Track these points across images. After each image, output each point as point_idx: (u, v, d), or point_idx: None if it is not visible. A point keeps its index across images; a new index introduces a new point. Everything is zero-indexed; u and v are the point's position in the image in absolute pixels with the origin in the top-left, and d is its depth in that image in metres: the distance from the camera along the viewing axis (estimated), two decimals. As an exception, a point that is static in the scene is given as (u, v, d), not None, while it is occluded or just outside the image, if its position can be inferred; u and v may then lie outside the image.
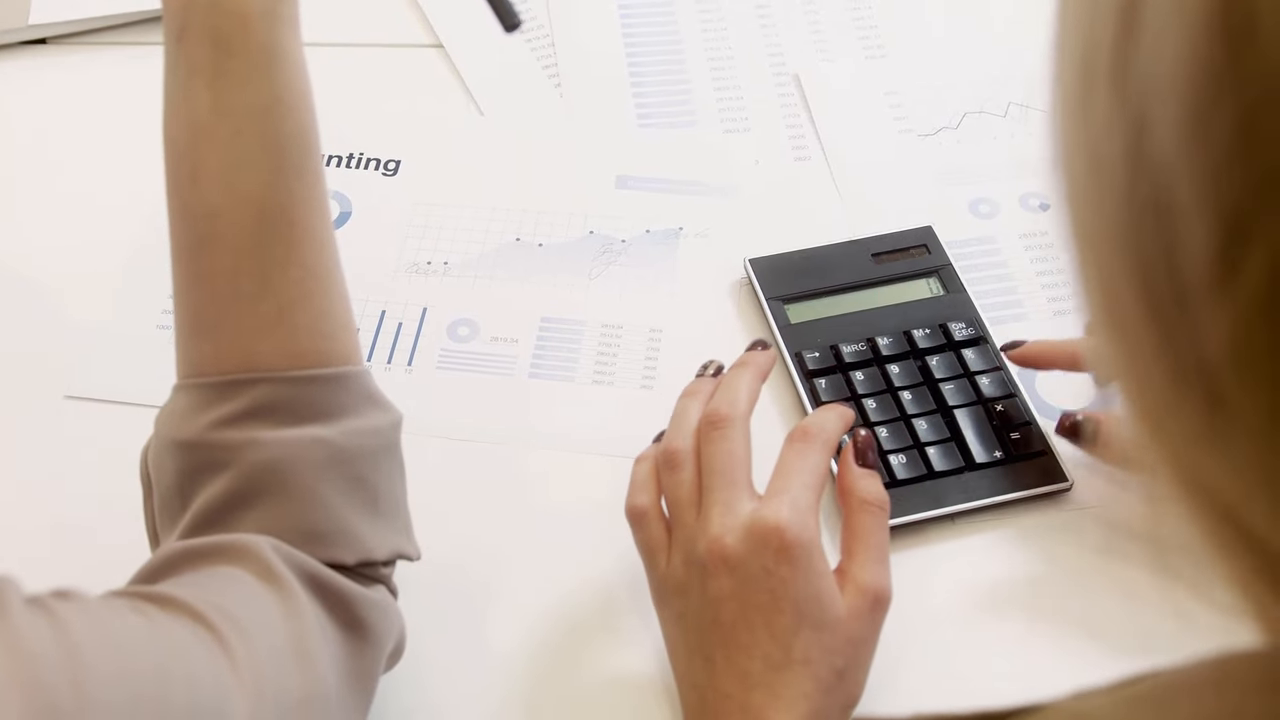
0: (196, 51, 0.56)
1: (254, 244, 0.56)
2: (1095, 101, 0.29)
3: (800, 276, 0.82)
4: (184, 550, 0.54)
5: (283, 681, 0.50)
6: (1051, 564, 0.71)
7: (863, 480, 0.63)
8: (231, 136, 0.55)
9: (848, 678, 0.59)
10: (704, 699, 0.60)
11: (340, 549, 0.56)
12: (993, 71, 0.98)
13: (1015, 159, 0.92)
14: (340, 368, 0.57)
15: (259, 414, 0.55)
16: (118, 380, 0.79)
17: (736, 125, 0.95)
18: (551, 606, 0.70)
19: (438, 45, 1.00)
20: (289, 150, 0.56)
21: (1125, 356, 0.31)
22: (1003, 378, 0.76)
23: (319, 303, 0.57)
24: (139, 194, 0.90)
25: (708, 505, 0.61)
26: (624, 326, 0.82)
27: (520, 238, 0.87)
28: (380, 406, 0.59)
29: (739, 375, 0.66)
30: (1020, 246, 0.87)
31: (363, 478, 0.57)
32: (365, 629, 0.56)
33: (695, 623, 0.60)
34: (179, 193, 0.57)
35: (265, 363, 0.55)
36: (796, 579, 0.58)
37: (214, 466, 0.55)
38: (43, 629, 0.42)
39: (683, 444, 0.64)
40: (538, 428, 0.77)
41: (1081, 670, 0.66)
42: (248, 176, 0.55)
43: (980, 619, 0.69)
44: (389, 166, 0.91)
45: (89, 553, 0.72)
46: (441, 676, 0.66)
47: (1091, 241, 0.31)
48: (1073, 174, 0.31)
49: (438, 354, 0.81)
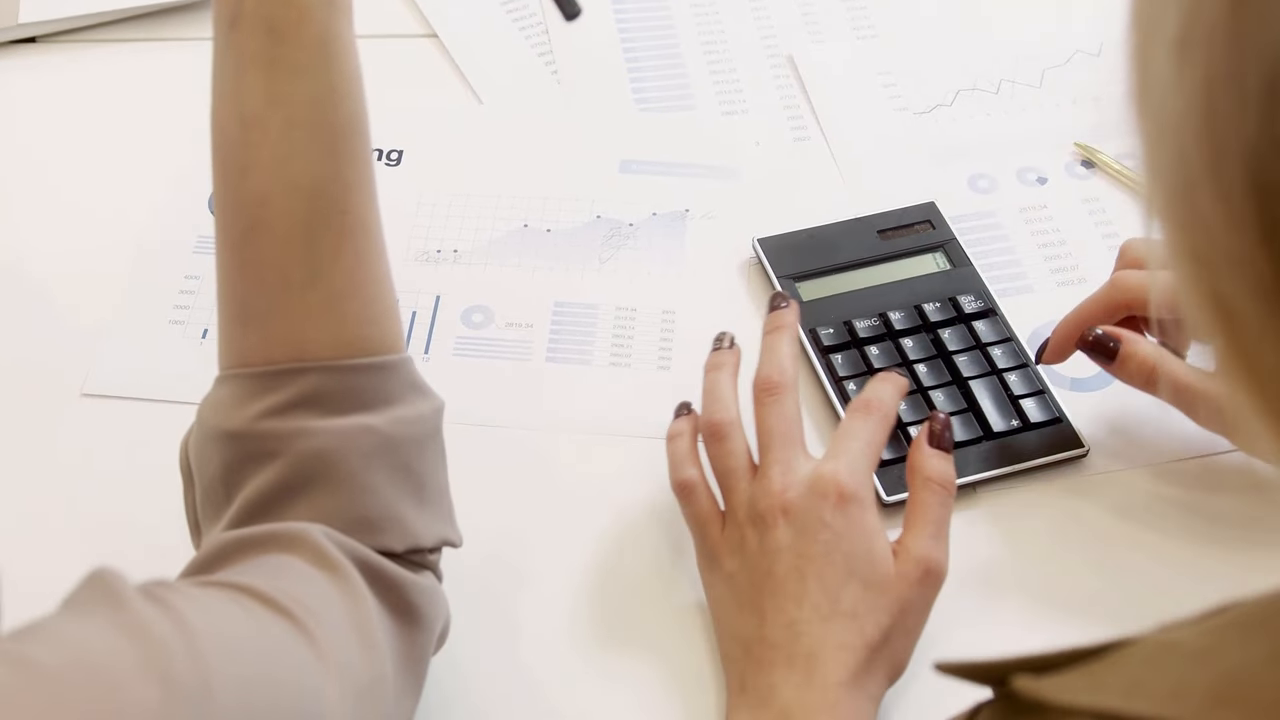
0: (250, 40, 0.55)
1: (306, 233, 0.56)
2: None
3: (809, 255, 0.83)
4: (237, 540, 0.54)
5: (354, 667, 0.50)
6: (1072, 528, 0.72)
7: (932, 459, 0.64)
8: (286, 127, 0.55)
9: (894, 642, 0.61)
10: (749, 650, 0.61)
11: (389, 536, 0.56)
12: (983, 49, 1.00)
13: (1010, 134, 0.94)
14: (387, 356, 0.57)
15: (308, 403, 0.55)
16: (133, 376, 0.79)
17: (735, 108, 0.96)
18: (579, 587, 0.71)
19: (432, 35, 1.01)
20: (343, 139, 0.56)
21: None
22: (1014, 348, 0.78)
23: (369, 290, 0.57)
24: (137, 190, 0.90)
25: (767, 465, 0.64)
26: (637, 309, 0.83)
27: (528, 224, 0.88)
28: (424, 394, 0.59)
29: (779, 340, 0.68)
30: (1020, 220, 0.88)
31: (409, 465, 0.57)
32: (416, 614, 0.57)
33: (747, 579, 0.62)
34: (228, 182, 0.57)
35: (314, 352, 0.56)
36: (851, 532, 0.61)
37: (262, 456, 0.55)
38: (162, 619, 0.43)
39: (725, 414, 0.66)
40: (558, 412, 0.78)
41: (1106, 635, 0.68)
42: (301, 166, 0.55)
43: (1004, 586, 0.70)
44: (392, 157, 0.92)
45: (116, 548, 0.72)
46: (473, 660, 0.67)
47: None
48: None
49: (453, 341, 0.81)
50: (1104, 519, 0.72)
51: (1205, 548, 0.71)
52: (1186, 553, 0.71)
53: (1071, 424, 0.75)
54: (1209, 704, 0.34)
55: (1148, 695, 0.35)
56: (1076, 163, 0.92)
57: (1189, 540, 0.71)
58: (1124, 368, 0.69)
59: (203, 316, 0.82)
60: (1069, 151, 0.92)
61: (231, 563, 0.53)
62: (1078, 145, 0.92)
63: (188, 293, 0.83)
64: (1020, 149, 0.93)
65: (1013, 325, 0.79)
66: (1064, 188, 0.90)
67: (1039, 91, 0.97)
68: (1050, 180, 0.91)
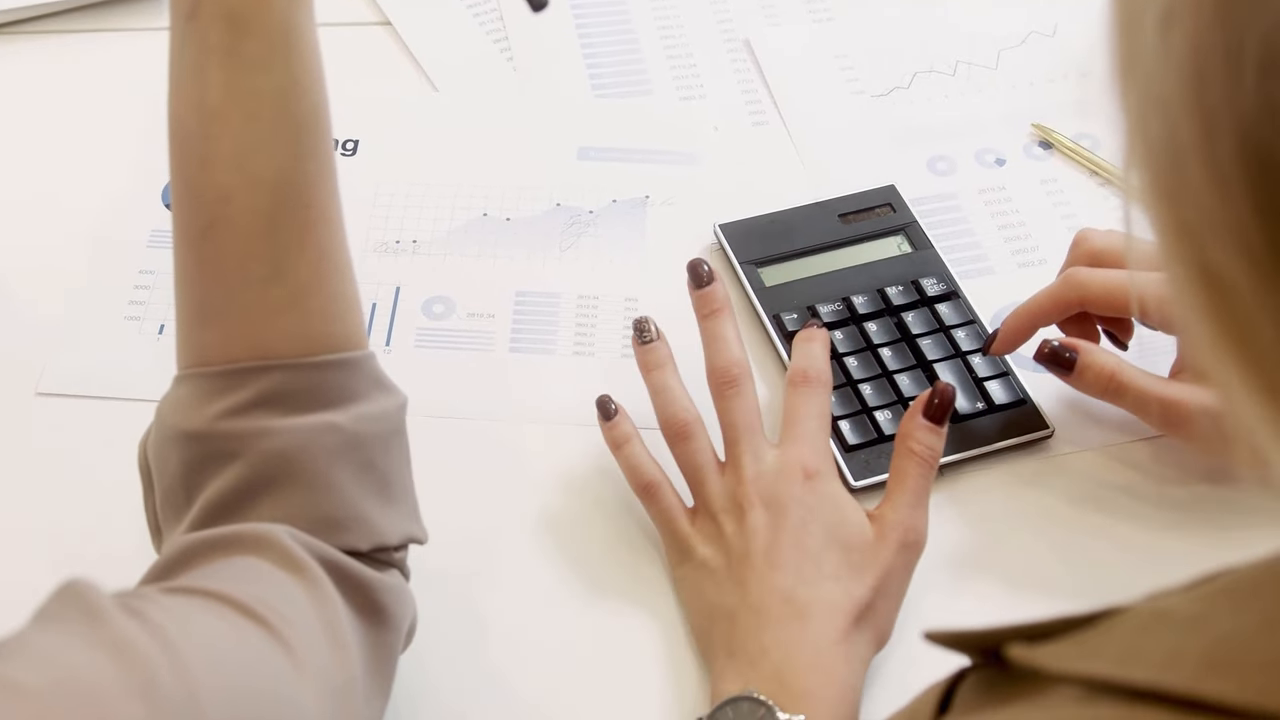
0: (209, 31, 0.54)
1: (268, 228, 0.55)
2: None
3: (771, 240, 0.83)
4: (200, 541, 0.53)
5: (327, 672, 0.50)
6: (1039, 509, 0.72)
7: (921, 430, 0.65)
8: (246, 120, 0.54)
9: (878, 606, 0.62)
10: (734, 619, 0.62)
11: (354, 535, 0.55)
12: (939, 31, 1.00)
13: (967, 116, 0.94)
14: (351, 352, 0.56)
15: (270, 402, 0.54)
16: (89, 374, 0.78)
17: (692, 92, 0.96)
18: (547, 578, 0.70)
19: (385, 23, 0.99)
20: (305, 132, 0.55)
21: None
22: (977, 330, 0.78)
23: (332, 286, 0.56)
24: (91, 184, 0.89)
25: (737, 456, 0.66)
26: (600, 297, 0.82)
27: (487, 213, 0.87)
28: (387, 390, 0.59)
29: (722, 324, 0.69)
30: (980, 202, 0.88)
31: (374, 463, 0.57)
32: (384, 614, 0.56)
33: (724, 560, 0.64)
34: (186, 177, 0.55)
35: (276, 349, 0.55)
36: (823, 505, 0.64)
37: (223, 457, 0.54)
38: (143, 634, 0.42)
39: (687, 414, 0.67)
40: (523, 402, 0.77)
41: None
42: (262, 160, 0.54)
43: (971, 569, 0.70)
44: (347, 146, 0.91)
45: (74, 551, 0.71)
46: (439, 657, 0.66)
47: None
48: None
49: (415, 333, 0.80)
50: (1071, 499, 0.73)
51: (1170, 527, 0.71)
52: (1152, 532, 0.71)
53: (1036, 405, 0.75)
54: (1203, 670, 0.34)
55: (1142, 663, 0.35)
56: (1034, 144, 0.92)
57: (1154, 519, 0.72)
58: (1082, 378, 0.69)
59: (159, 312, 0.80)
60: (1026, 133, 0.93)
61: (196, 566, 0.52)
62: (1035, 126, 0.92)
63: (143, 288, 0.82)
64: (978, 131, 0.93)
65: (975, 307, 0.79)
66: (1022, 169, 0.91)
67: (995, 73, 0.97)
68: (1008, 162, 0.91)
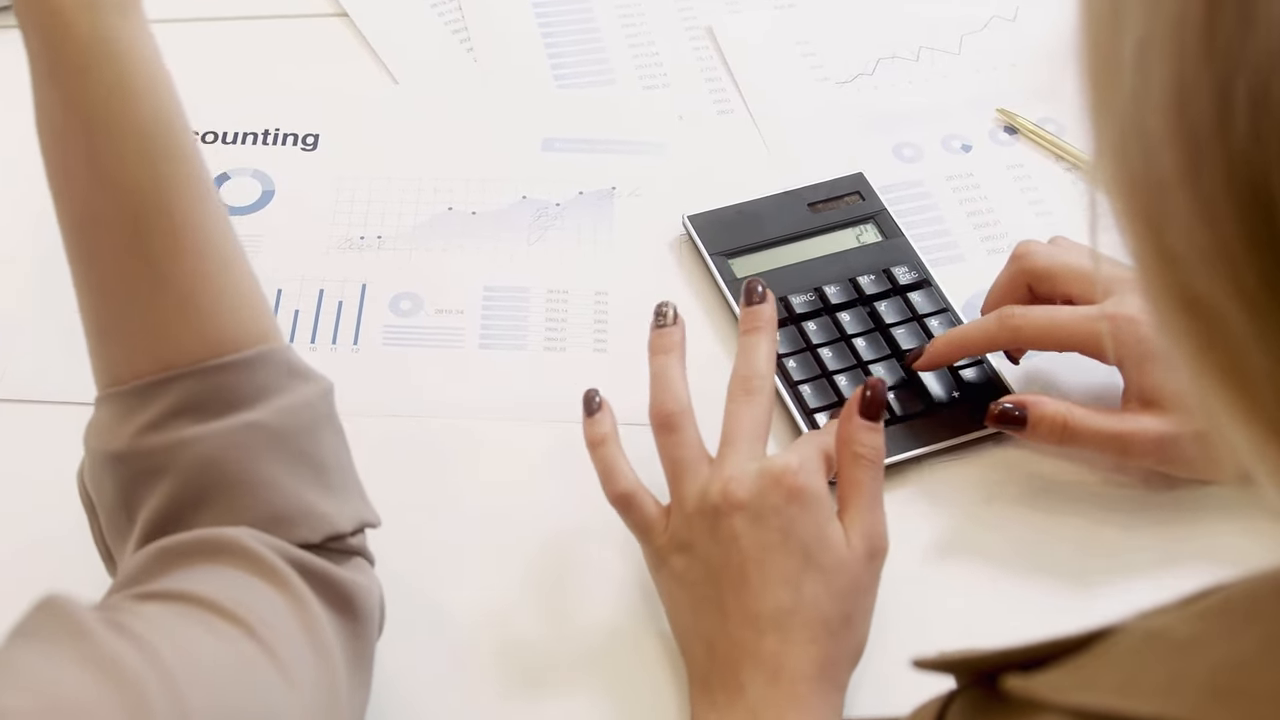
0: (34, 48, 0.54)
1: (135, 239, 0.54)
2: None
3: (740, 230, 0.82)
4: (162, 551, 0.52)
5: (311, 677, 0.49)
6: (1019, 497, 0.72)
7: (861, 432, 0.63)
8: (83, 133, 0.53)
9: (853, 624, 0.60)
10: (713, 648, 0.60)
11: (304, 528, 0.54)
12: (900, 17, 0.99)
13: (932, 102, 0.94)
14: (256, 348, 0.55)
15: (183, 412, 0.53)
16: (42, 379, 0.76)
17: (656, 81, 0.95)
18: (519, 577, 0.70)
19: (342, 14, 0.98)
20: (149, 135, 0.54)
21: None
22: (950, 319, 0.78)
23: (218, 285, 0.55)
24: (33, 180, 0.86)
25: (726, 455, 0.63)
26: (569, 291, 0.81)
27: (452, 207, 0.85)
28: (305, 378, 0.57)
29: (759, 342, 0.67)
30: (948, 189, 0.88)
31: (306, 453, 0.55)
32: (354, 607, 0.55)
33: (703, 572, 0.61)
34: (56, 197, 0.55)
35: (177, 359, 0.54)
36: (805, 519, 0.60)
37: (151, 474, 0.53)
38: (130, 651, 0.41)
39: (677, 404, 0.65)
40: (494, 399, 0.76)
41: (1048, 601, 0.69)
42: (111, 170, 0.53)
43: (953, 559, 0.70)
44: (307, 141, 0.89)
45: (32, 560, 0.69)
46: (406, 655, 0.65)
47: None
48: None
49: (382, 330, 0.79)
50: (1050, 485, 0.73)
51: (1151, 511, 0.71)
52: (1134, 515, 0.71)
53: (1012, 393, 0.75)
54: (1205, 698, 0.33)
55: (1141, 692, 0.34)
56: (999, 129, 0.92)
57: (1136, 503, 0.72)
58: (1036, 432, 0.69)
59: (118, 314, 0.79)
60: (991, 118, 0.92)
61: (162, 573, 0.51)
62: (999, 111, 0.92)
63: (101, 289, 0.80)
64: (943, 117, 0.93)
65: (947, 295, 0.79)
66: (988, 154, 0.90)
67: (958, 58, 0.97)
68: (974, 147, 0.91)
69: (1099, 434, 0.68)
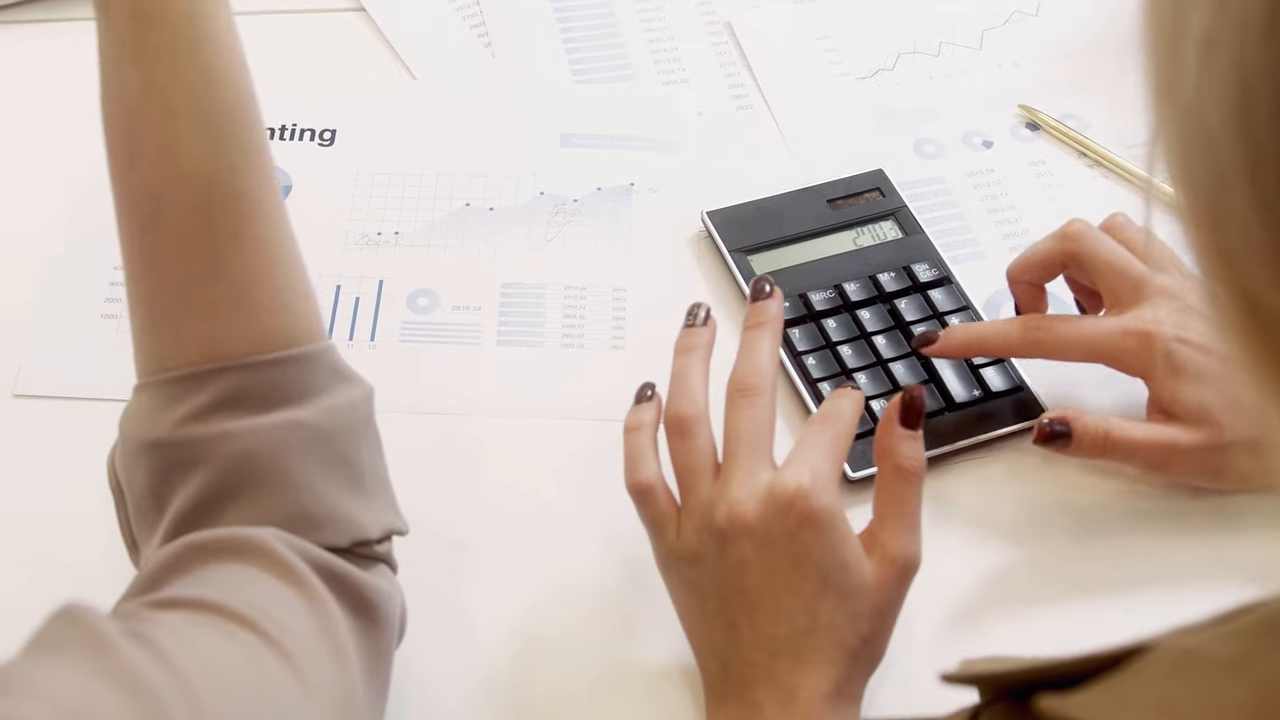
0: (120, 25, 0.53)
1: (201, 224, 0.53)
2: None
3: (759, 227, 0.82)
4: (187, 547, 0.51)
5: (330, 685, 0.48)
6: (1039, 496, 0.72)
7: (904, 443, 0.60)
8: (165, 116, 0.53)
9: (874, 643, 0.59)
10: (727, 666, 0.59)
11: (332, 532, 0.54)
12: (920, 12, 0.98)
13: (953, 98, 0.93)
14: (305, 346, 0.55)
15: (228, 404, 0.53)
16: (68, 374, 0.76)
17: (674, 77, 0.94)
18: (540, 574, 0.69)
19: (360, 9, 0.97)
20: (228, 122, 0.54)
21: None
22: (971, 317, 0.77)
23: (276, 278, 0.55)
24: (64, 178, 0.86)
25: (729, 470, 0.60)
26: (587, 288, 0.81)
27: (470, 203, 0.85)
28: (350, 381, 0.57)
29: (760, 338, 0.64)
30: (969, 185, 0.87)
31: (344, 456, 0.55)
32: (375, 614, 0.55)
33: (714, 590, 0.59)
34: (119, 177, 0.54)
35: (228, 350, 0.53)
36: (820, 544, 0.58)
37: (187, 464, 0.53)
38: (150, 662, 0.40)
39: (692, 408, 0.62)
40: (512, 396, 0.76)
41: (1073, 603, 0.68)
42: (187, 155, 0.53)
43: (975, 559, 0.70)
44: (325, 136, 0.89)
45: (53, 558, 0.69)
46: (427, 657, 0.65)
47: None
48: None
49: (400, 327, 0.79)
50: (1070, 485, 0.72)
51: (1174, 510, 0.71)
52: (1155, 516, 0.71)
53: (1032, 391, 0.74)
54: None
55: (1178, 713, 0.34)
56: (1021, 125, 0.91)
57: (1158, 503, 0.71)
58: (1080, 446, 0.67)
59: (136, 309, 0.79)
60: (1013, 114, 0.92)
61: (186, 572, 0.51)
62: (1021, 107, 0.92)
63: (119, 285, 0.80)
64: (964, 112, 0.92)
65: (968, 292, 0.78)
66: (1010, 151, 0.90)
67: (979, 53, 0.96)
68: (996, 143, 0.90)
69: (1141, 445, 0.67)
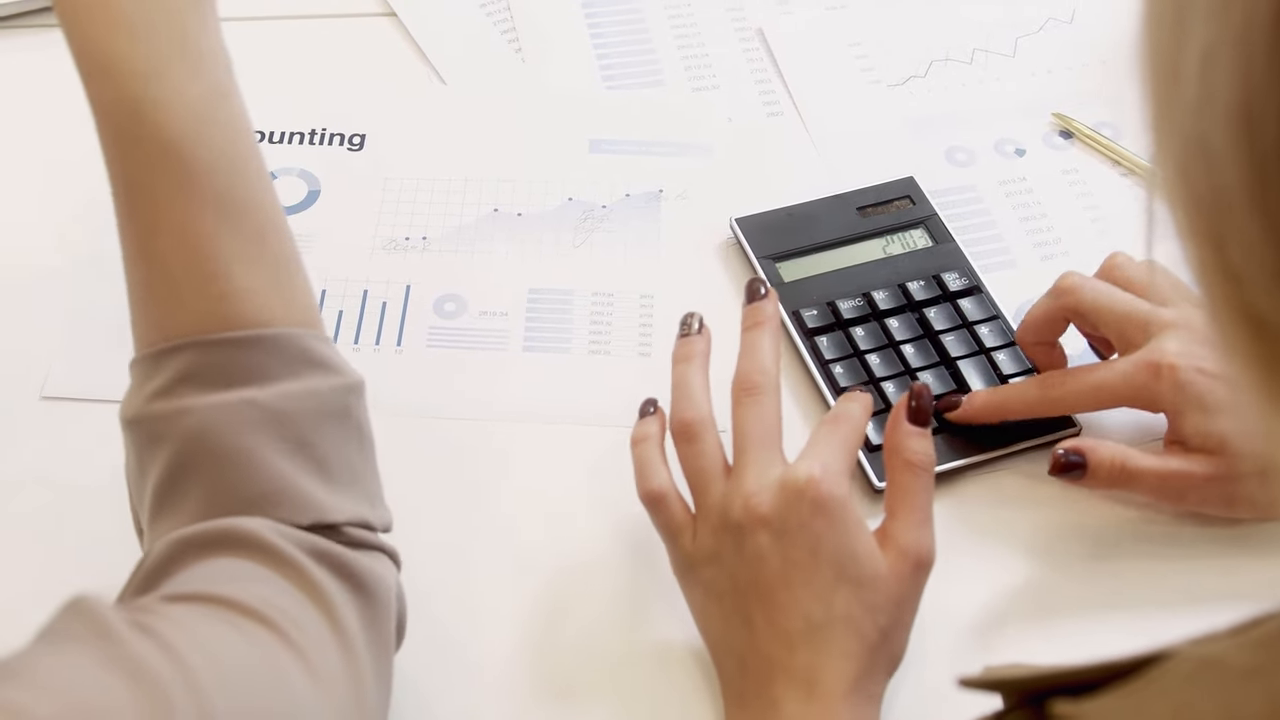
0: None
1: (186, 210, 0.54)
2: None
3: (788, 234, 0.81)
4: (180, 543, 0.52)
5: (340, 674, 0.48)
6: (1068, 508, 0.71)
7: (911, 439, 0.62)
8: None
9: (891, 637, 0.59)
10: (744, 663, 0.59)
11: (290, 509, 0.53)
12: (953, 19, 0.98)
13: (986, 105, 0.92)
14: (271, 329, 0.54)
15: (187, 380, 0.53)
16: (95, 377, 0.76)
17: (705, 83, 0.94)
18: (563, 581, 0.69)
19: (390, 14, 0.98)
20: (207, 104, 0.55)
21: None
22: (1001, 326, 0.76)
23: (251, 264, 0.55)
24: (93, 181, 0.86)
25: (741, 467, 0.61)
26: (615, 294, 0.81)
27: (498, 208, 0.85)
28: (324, 370, 0.56)
29: (760, 337, 0.65)
30: (1001, 194, 0.87)
31: (306, 440, 0.54)
32: (369, 592, 0.54)
33: (730, 586, 0.60)
34: (110, 163, 0.56)
35: (190, 328, 0.54)
36: (833, 533, 0.58)
37: (156, 440, 0.54)
38: (155, 653, 0.40)
39: (696, 413, 0.63)
40: (538, 402, 0.76)
41: (1103, 614, 0.68)
42: (173, 140, 0.54)
43: (1003, 571, 0.69)
44: (354, 141, 0.89)
45: (80, 559, 0.69)
46: (439, 662, 0.65)
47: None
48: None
49: (426, 332, 0.79)
50: (1087, 500, 0.71)
51: (1201, 525, 0.70)
52: (1184, 529, 0.70)
53: (1061, 404, 0.74)
54: None
55: None
56: (1054, 133, 0.90)
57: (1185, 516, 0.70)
58: (1096, 477, 0.67)
59: (164, 313, 0.79)
60: (1046, 122, 0.91)
61: (181, 568, 0.51)
62: (1055, 115, 0.91)
63: (147, 288, 0.80)
64: (997, 120, 0.91)
65: (998, 302, 0.78)
66: (1042, 159, 0.89)
67: (1013, 61, 0.95)
68: (1028, 152, 0.89)
69: (1156, 476, 0.66)
